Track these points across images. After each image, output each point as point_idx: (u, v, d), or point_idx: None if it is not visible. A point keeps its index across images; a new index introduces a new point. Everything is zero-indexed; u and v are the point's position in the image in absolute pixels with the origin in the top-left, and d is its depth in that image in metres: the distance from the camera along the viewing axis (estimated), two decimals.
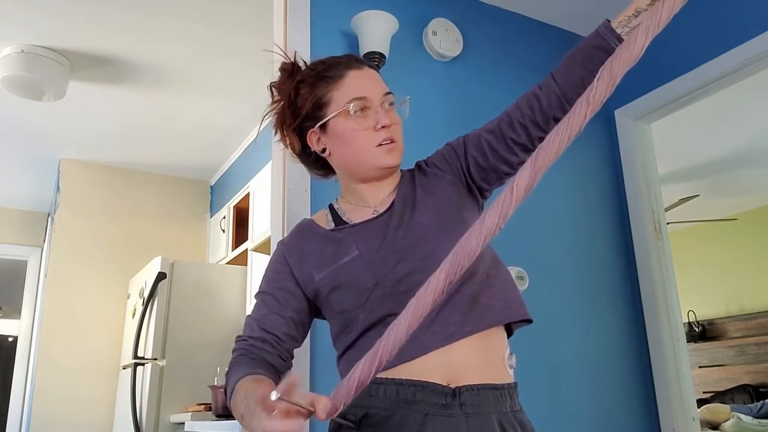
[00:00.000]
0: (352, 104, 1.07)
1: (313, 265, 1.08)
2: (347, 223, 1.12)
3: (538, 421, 2.21)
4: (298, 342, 1.10)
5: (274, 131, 1.20)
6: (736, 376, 5.61)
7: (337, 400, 0.74)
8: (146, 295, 3.37)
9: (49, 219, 4.58)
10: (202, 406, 2.93)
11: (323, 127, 1.11)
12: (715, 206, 5.69)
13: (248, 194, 3.60)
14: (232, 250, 3.78)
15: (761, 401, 5.06)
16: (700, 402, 5.00)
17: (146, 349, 3.31)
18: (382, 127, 1.08)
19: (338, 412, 0.74)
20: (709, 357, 5.88)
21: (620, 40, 0.99)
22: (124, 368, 3.64)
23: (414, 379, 0.96)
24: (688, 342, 3.80)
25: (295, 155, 1.22)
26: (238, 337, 1.08)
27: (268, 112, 1.18)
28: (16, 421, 4.44)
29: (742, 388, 5.45)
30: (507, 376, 1.05)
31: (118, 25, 2.67)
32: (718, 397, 5.50)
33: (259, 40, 2.75)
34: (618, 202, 2.57)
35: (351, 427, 0.98)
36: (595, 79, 0.70)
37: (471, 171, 1.13)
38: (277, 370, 1.01)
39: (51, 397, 3.57)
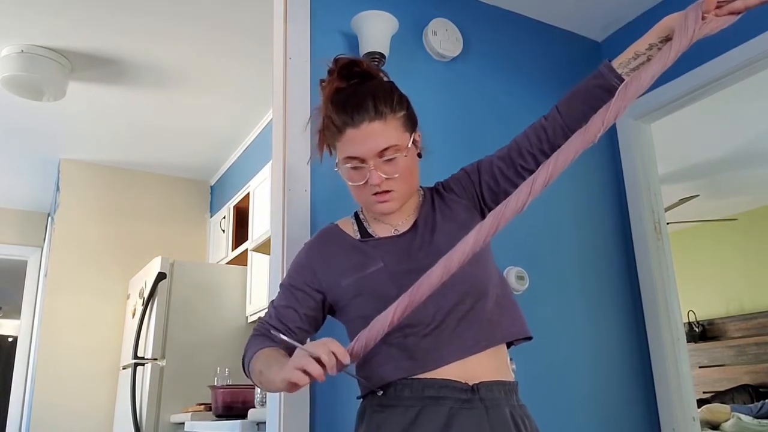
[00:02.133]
0: (345, 161, 1.17)
1: (340, 271, 1.19)
2: (372, 236, 1.23)
3: (539, 420, 2.21)
4: (310, 333, 1.23)
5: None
6: (736, 376, 5.61)
7: (357, 347, 0.91)
8: (146, 295, 3.37)
9: (49, 219, 4.58)
10: (202, 406, 2.93)
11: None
12: (715, 206, 5.70)
13: (248, 194, 3.60)
14: (232, 250, 3.78)
15: (761, 401, 5.06)
16: (700, 402, 5.00)
17: (146, 349, 3.31)
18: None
19: (354, 360, 0.93)
20: (709, 357, 5.88)
21: (620, 79, 1.08)
22: (124, 368, 3.64)
23: (437, 377, 1.08)
24: (688, 342, 3.80)
25: None
26: (260, 319, 1.22)
27: (318, 130, 1.27)
28: (16, 421, 4.45)
29: (742, 388, 5.45)
30: (511, 377, 1.18)
31: (118, 25, 2.67)
32: (718, 397, 5.50)
33: (259, 40, 2.76)
34: (618, 202, 2.57)
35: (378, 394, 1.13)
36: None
37: (484, 194, 1.24)
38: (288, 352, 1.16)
39: (51, 397, 3.57)
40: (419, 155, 1.24)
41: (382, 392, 1.11)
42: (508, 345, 1.21)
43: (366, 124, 1.13)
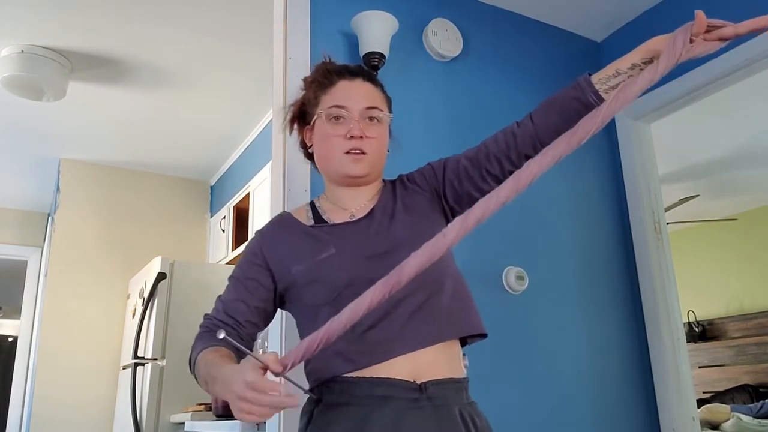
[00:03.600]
0: (329, 110, 1.17)
1: (291, 258, 1.14)
2: (326, 222, 1.19)
3: (538, 420, 2.22)
4: (260, 328, 1.18)
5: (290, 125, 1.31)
6: (735, 376, 5.61)
7: (289, 358, 0.84)
8: (146, 295, 3.37)
9: (49, 219, 4.58)
10: (202, 406, 2.93)
11: (312, 126, 1.22)
12: (715, 206, 5.70)
13: (248, 194, 3.60)
14: (232, 250, 3.78)
15: (761, 401, 5.06)
16: (700, 402, 4.99)
17: (146, 349, 3.31)
18: (351, 137, 1.16)
19: (288, 369, 0.85)
20: (709, 357, 5.88)
21: (597, 95, 1.07)
22: (124, 368, 3.65)
23: (383, 377, 1.04)
24: (688, 342, 3.80)
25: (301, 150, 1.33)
26: (206, 315, 1.17)
27: (292, 104, 1.30)
28: (16, 421, 4.45)
29: (742, 388, 5.45)
30: (462, 373, 1.14)
31: (118, 25, 2.67)
32: (718, 397, 5.50)
33: (259, 40, 2.76)
34: (618, 202, 2.57)
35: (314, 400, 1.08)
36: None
37: (446, 192, 1.21)
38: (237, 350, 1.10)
39: (51, 397, 3.57)
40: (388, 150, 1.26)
41: (314, 395, 1.08)
42: (463, 342, 1.17)
43: (360, 81, 1.21)
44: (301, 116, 1.26)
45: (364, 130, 1.16)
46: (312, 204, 1.26)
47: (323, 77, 1.22)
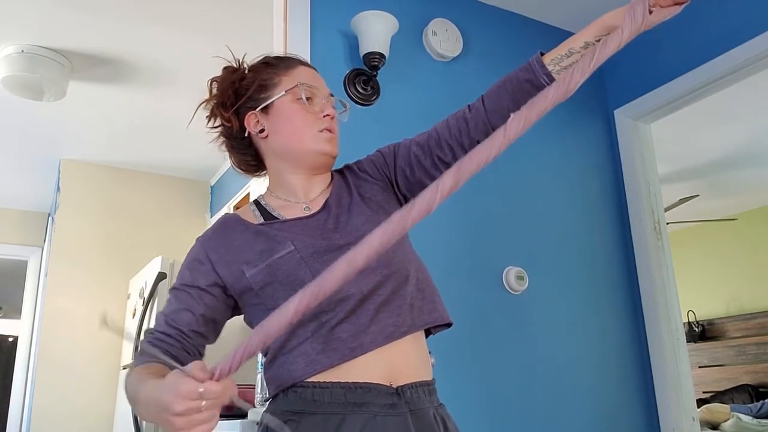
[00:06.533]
0: (296, 89, 1.12)
1: (244, 260, 1.05)
2: (277, 219, 1.11)
3: (538, 420, 2.22)
4: (209, 339, 1.08)
5: (208, 117, 1.26)
6: (735, 376, 5.61)
7: (223, 365, 0.77)
8: (146, 295, 3.37)
9: (50, 219, 4.58)
10: None
11: (265, 109, 1.15)
12: (715, 206, 5.70)
13: (248, 194, 3.60)
14: None
15: (761, 401, 5.07)
16: (700, 402, 5.00)
17: None
18: (326, 115, 1.12)
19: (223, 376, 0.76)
20: (709, 357, 5.88)
21: (549, 77, 1.04)
22: (124, 368, 3.65)
23: (360, 381, 0.98)
24: (687, 342, 3.80)
25: (226, 141, 1.27)
26: (148, 330, 1.09)
27: (210, 98, 1.24)
28: (17, 421, 4.45)
29: (742, 388, 5.45)
30: (430, 374, 1.09)
31: (118, 25, 2.67)
32: (718, 397, 5.51)
33: (260, 40, 2.76)
34: (618, 202, 2.58)
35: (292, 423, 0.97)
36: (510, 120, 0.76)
37: (398, 181, 1.17)
38: (180, 362, 0.99)
39: (51, 397, 3.57)
40: None
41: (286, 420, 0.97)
42: (427, 334, 1.12)
43: (315, 71, 1.19)
44: (236, 102, 1.19)
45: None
46: (257, 203, 1.18)
47: (278, 60, 1.19)
